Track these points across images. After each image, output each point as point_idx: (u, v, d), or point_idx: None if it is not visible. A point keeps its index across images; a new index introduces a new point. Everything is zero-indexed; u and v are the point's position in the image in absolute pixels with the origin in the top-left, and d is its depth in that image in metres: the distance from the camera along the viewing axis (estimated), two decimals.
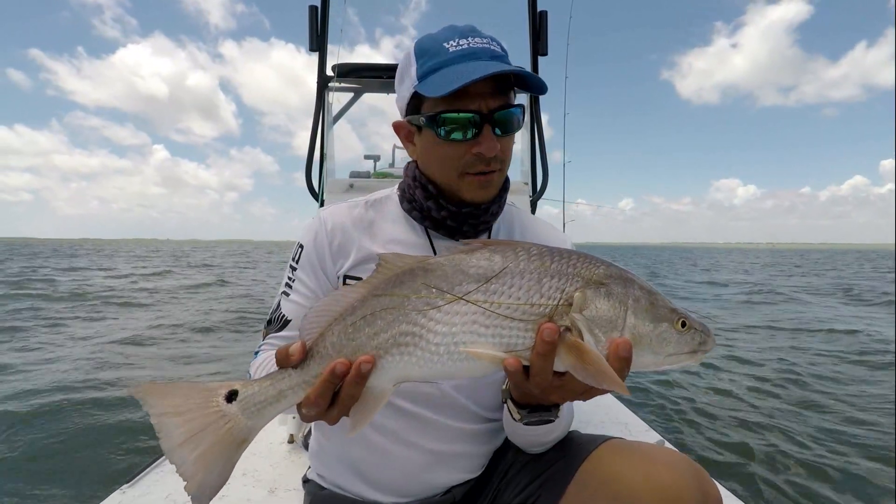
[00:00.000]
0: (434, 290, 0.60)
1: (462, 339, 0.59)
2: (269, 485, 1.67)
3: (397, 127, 0.95)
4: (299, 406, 0.63)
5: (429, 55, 0.85)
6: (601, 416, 2.33)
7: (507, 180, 0.96)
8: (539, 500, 0.87)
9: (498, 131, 0.84)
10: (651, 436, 2.11)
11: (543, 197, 2.57)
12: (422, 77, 0.85)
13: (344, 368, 0.59)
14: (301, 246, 0.97)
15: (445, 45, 0.85)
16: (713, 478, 0.81)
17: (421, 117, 0.87)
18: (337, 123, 2.72)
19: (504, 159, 0.89)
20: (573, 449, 0.89)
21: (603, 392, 0.61)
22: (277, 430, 2.08)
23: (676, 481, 0.74)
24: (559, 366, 0.60)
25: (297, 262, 0.97)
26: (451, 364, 0.60)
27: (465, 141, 0.84)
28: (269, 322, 0.96)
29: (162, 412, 0.61)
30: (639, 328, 0.59)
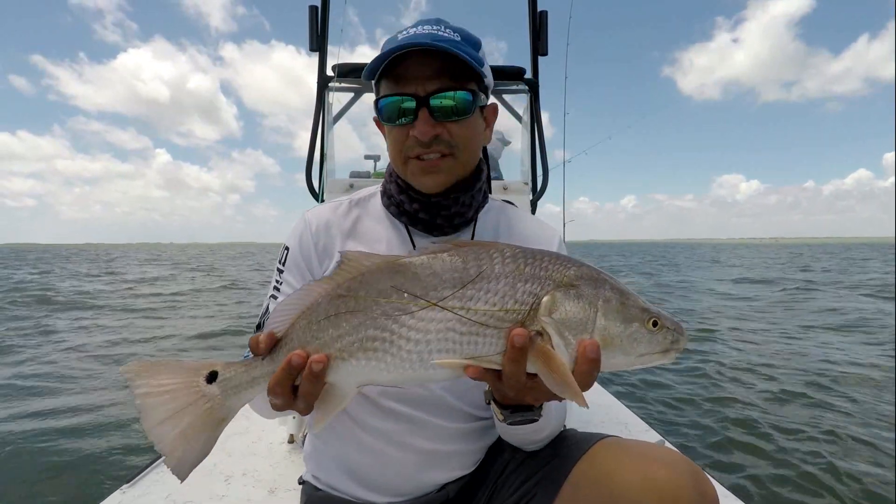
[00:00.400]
0: (406, 295, 0.59)
1: (437, 346, 0.58)
2: (269, 485, 1.67)
3: (377, 122, 0.96)
4: (268, 399, 0.64)
5: (384, 46, 0.86)
6: (601, 416, 2.33)
7: (480, 171, 0.96)
8: (534, 498, 0.87)
9: (439, 115, 0.83)
10: (651, 435, 2.10)
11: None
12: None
13: (300, 360, 0.60)
14: (287, 248, 0.97)
15: (399, 35, 0.86)
16: (715, 478, 0.80)
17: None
18: (338, 123, 2.73)
19: (455, 144, 0.86)
20: (569, 447, 0.89)
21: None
22: (277, 430, 2.08)
23: (673, 480, 0.73)
24: (530, 368, 0.60)
25: (283, 265, 0.97)
26: (422, 371, 0.59)
27: (403, 125, 0.85)
28: (259, 326, 0.95)
29: (146, 392, 0.63)
30: (609, 329, 0.59)
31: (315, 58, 2.52)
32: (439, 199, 0.91)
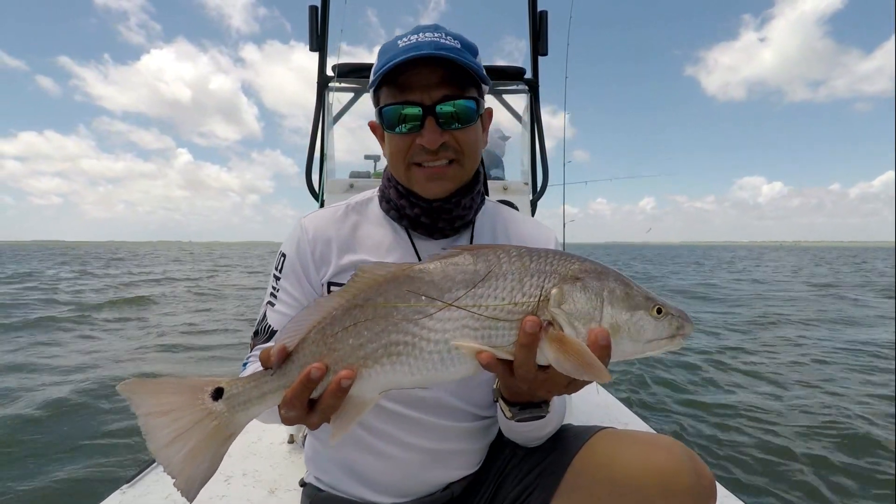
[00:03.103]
0: (424, 298, 0.62)
1: (449, 345, 0.61)
2: (269, 485, 1.67)
3: (372, 126, 0.96)
4: (279, 407, 0.63)
5: (384, 52, 0.87)
6: (600, 415, 2.33)
7: (478, 173, 0.96)
8: (536, 489, 0.89)
9: (444, 123, 0.84)
10: None
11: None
12: (373, 74, 0.87)
13: (319, 374, 0.60)
14: (284, 255, 0.97)
15: (399, 42, 0.86)
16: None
17: (376, 112, 0.89)
18: (349, 121, 2.73)
19: (460, 151, 0.88)
20: (569, 439, 0.91)
21: (587, 383, 0.63)
22: (277, 431, 2.08)
23: (671, 463, 0.76)
24: (542, 359, 0.62)
25: (280, 272, 0.97)
26: (444, 369, 0.62)
27: (408, 133, 0.86)
28: (256, 333, 0.96)
29: (148, 412, 0.62)
30: (616, 318, 0.62)
31: (316, 57, 2.52)
32: (441, 204, 0.91)
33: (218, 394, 0.63)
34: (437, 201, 0.91)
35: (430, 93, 0.83)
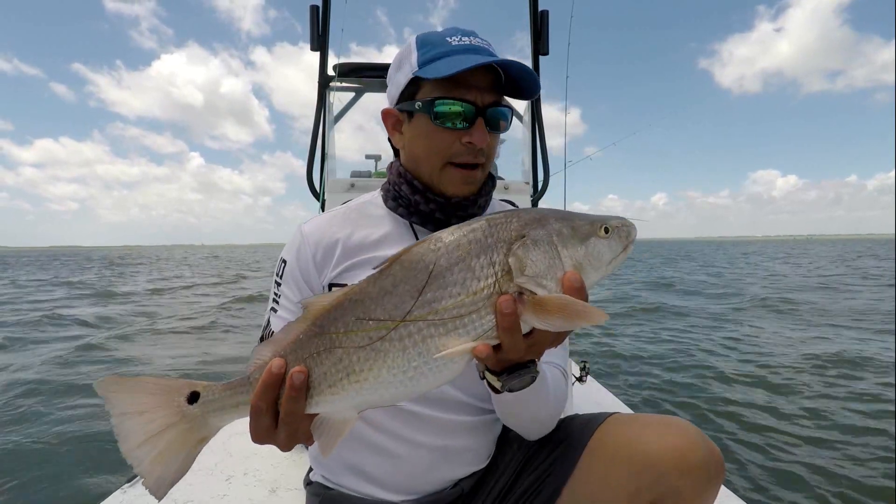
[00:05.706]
0: (371, 322, 0.59)
1: (426, 356, 0.58)
2: (269, 485, 1.67)
3: (386, 114, 0.97)
4: (250, 424, 0.62)
5: (431, 45, 0.89)
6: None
7: (492, 178, 0.99)
8: (550, 476, 0.90)
9: (489, 127, 0.88)
10: None
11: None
12: (423, 64, 0.88)
13: (280, 370, 0.58)
14: (284, 261, 0.98)
15: (448, 39, 0.89)
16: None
17: (417, 102, 0.89)
18: (342, 121, 2.73)
19: (489, 155, 0.92)
20: (580, 427, 0.93)
21: (572, 331, 0.63)
22: None
23: (687, 441, 0.81)
24: (525, 328, 0.60)
25: (281, 278, 0.98)
26: (418, 382, 0.59)
27: (456, 130, 0.87)
28: (262, 339, 0.96)
29: (123, 412, 0.62)
30: (575, 256, 0.61)
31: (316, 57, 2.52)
32: (460, 201, 0.93)
33: (194, 398, 0.62)
34: (456, 198, 0.93)
35: (482, 95, 0.87)
